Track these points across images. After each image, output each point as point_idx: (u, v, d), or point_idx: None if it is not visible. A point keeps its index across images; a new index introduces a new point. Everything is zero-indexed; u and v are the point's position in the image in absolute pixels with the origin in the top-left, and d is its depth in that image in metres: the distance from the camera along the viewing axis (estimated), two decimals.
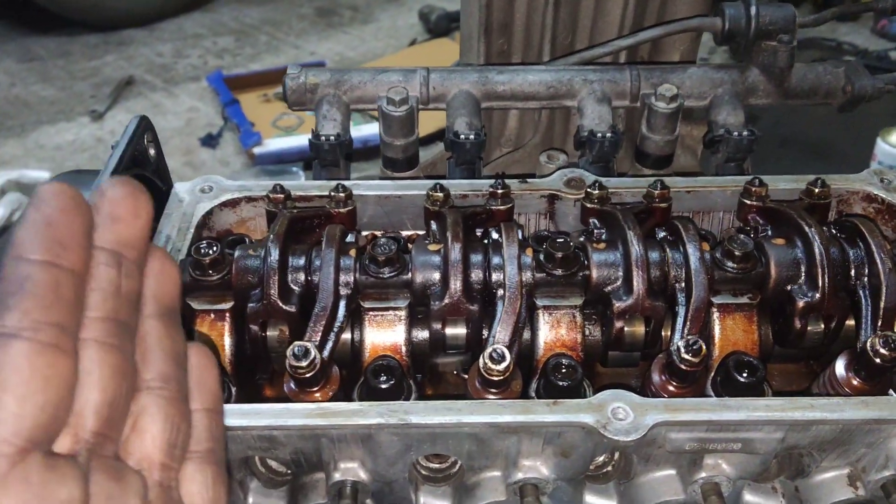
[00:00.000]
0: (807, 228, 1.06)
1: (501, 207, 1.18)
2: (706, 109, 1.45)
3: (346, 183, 1.20)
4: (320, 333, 0.99)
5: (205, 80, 5.20)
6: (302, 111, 1.44)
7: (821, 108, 1.53)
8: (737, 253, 1.05)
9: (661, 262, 1.06)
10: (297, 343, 0.95)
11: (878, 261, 1.03)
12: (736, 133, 1.36)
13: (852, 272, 1.06)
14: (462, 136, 1.37)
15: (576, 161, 1.44)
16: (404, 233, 1.28)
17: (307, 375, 0.96)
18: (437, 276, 1.05)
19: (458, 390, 1.17)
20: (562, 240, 1.06)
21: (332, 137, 1.35)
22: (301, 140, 4.13)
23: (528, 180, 1.26)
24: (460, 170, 1.39)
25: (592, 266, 1.06)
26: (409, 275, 1.05)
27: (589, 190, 1.19)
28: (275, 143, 4.27)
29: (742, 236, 1.07)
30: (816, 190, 1.18)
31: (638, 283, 1.03)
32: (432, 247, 1.07)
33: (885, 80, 1.42)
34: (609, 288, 1.06)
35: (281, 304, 1.02)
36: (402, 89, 1.37)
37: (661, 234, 1.14)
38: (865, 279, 1.05)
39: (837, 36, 4.96)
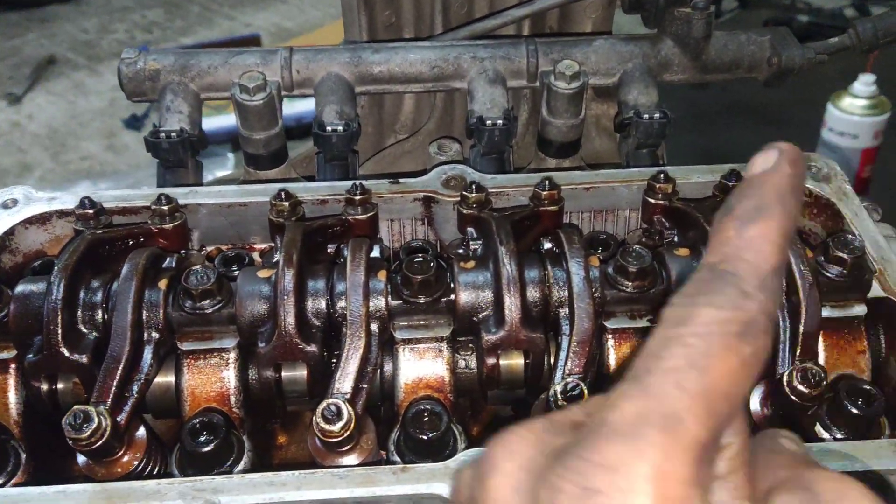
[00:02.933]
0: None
1: (361, 217, 0.99)
2: (615, 87, 1.26)
3: (173, 191, 1.00)
4: (113, 389, 0.80)
5: None
6: (143, 102, 1.23)
7: None
8: (631, 269, 0.87)
9: (542, 283, 0.88)
10: (76, 408, 0.76)
11: (798, 275, 0.86)
12: (647, 115, 1.18)
13: None
14: (329, 129, 1.16)
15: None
16: (258, 247, 1.08)
17: (95, 446, 0.77)
18: (266, 308, 0.85)
19: None
20: (420, 259, 0.87)
21: (173, 134, 1.14)
22: (231, 119, 3.87)
23: (401, 181, 1.07)
24: (330, 167, 1.19)
25: (459, 290, 0.88)
26: (234, 308, 0.86)
27: (465, 193, 1.00)
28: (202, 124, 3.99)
29: (637, 248, 0.89)
30: (731, 184, 1.00)
31: (511, 311, 0.85)
32: (262, 273, 0.88)
33: (816, 50, 1.24)
34: (480, 316, 0.88)
35: (66, 354, 0.82)
36: (257, 74, 1.16)
37: (548, 245, 0.95)
38: (783, 296, 0.88)
39: None
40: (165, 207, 0.96)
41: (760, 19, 4.48)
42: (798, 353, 0.84)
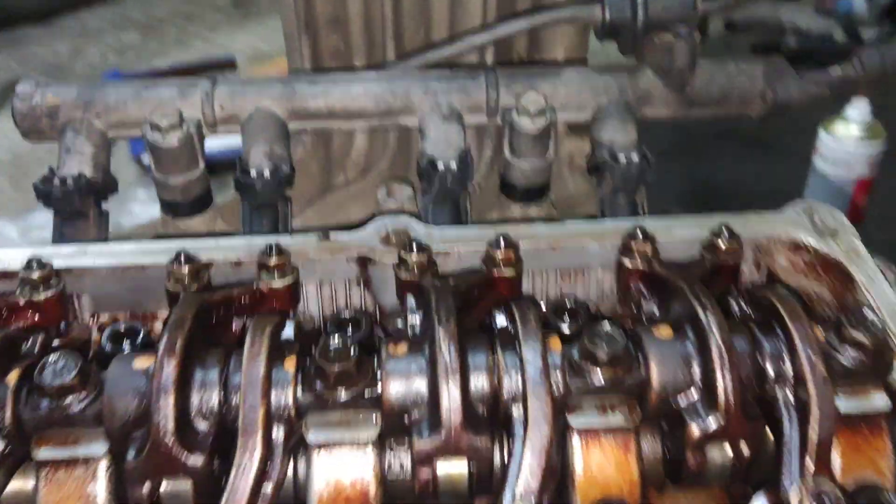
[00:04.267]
0: (702, 312, 0.72)
1: (276, 285, 0.82)
2: (589, 124, 1.10)
3: (56, 251, 0.83)
4: None
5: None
6: (42, 142, 1.06)
7: None
8: (601, 354, 0.71)
9: (489, 372, 0.71)
10: None
11: (805, 363, 0.69)
12: (623, 157, 1.02)
13: (770, 372, 0.72)
14: (254, 172, 1.00)
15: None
16: (163, 314, 0.91)
17: None
18: (140, 407, 0.68)
19: None
20: (337, 344, 0.70)
21: (69, 180, 0.98)
22: (236, 140, 3.70)
23: (333, 236, 0.90)
24: (257, 216, 1.02)
25: (387, 381, 0.71)
26: (101, 404, 0.69)
27: (404, 254, 0.83)
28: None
29: (609, 327, 0.72)
30: (723, 245, 0.84)
31: (450, 410, 0.68)
32: (140, 362, 0.71)
33: (815, 81, 1.09)
34: (412, 414, 0.71)
35: None
36: (172, 110, 1.00)
37: (502, 320, 0.79)
38: (788, 389, 0.71)
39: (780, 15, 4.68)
40: (37, 275, 0.79)
41: (748, 42, 4.36)
42: (807, 462, 0.68)
